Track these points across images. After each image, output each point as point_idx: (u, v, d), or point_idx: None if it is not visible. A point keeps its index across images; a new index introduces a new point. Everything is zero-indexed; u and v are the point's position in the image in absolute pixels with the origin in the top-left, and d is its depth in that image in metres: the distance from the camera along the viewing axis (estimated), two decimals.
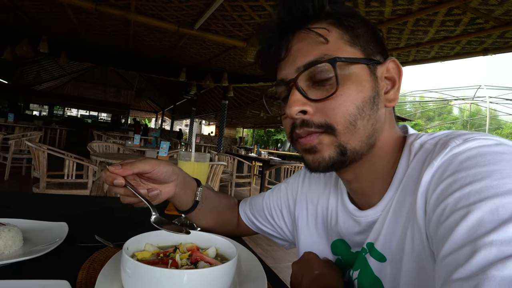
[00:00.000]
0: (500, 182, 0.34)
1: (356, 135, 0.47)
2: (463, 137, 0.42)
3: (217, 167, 3.66)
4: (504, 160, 0.36)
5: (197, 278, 0.42)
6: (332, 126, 0.47)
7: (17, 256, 0.54)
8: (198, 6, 3.71)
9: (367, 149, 0.50)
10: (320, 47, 0.48)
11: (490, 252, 0.29)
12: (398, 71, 0.52)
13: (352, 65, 0.48)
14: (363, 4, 3.14)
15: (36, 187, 2.88)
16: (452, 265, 0.32)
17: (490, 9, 2.92)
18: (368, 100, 0.48)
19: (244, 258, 0.62)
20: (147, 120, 26.64)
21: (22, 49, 5.23)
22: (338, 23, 0.49)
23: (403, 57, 4.72)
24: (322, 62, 0.47)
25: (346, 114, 0.46)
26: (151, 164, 0.61)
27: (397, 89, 0.52)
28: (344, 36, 0.49)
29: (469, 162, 0.38)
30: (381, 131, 0.51)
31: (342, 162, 0.49)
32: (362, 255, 0.54)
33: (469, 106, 21.70)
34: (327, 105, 0.47)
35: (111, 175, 0.56)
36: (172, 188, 0.66)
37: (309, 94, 0.48)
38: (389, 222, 0.49)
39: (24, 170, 5.63)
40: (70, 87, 15.32)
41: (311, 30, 0.48)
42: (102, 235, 0.66)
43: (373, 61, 0.49)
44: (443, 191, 0.38)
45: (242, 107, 11.06)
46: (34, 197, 1.10)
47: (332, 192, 0.65)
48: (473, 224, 0.32)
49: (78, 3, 3.74)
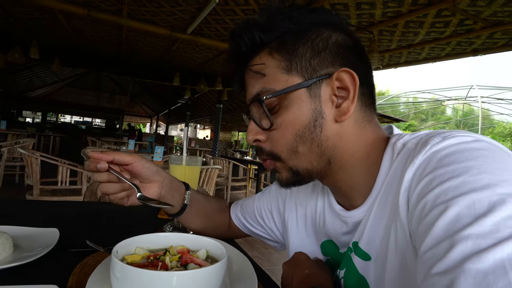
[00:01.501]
0: (477, 177, 0.35)
1: (301, 159, 0.51)
2: (442, 135, 0.43)
3: (212, 171, 3.65)
4: (481, 156, 0.37)
5: (187, 280, 0.42)
6: (277, 154, 0.52)
7: (7, 262, 0.53)
8: (190, 11, 3.72)
9: (324, 165, 0.52)
10: (260, 80, 0.52)
11: (466, 246, 0.30)
12: (352, 80, 0.49)
13: (287, 94, 0.49)
14: (354, 7, 3.18)
15: (30, 194, 2.85)
16: (431, 260, 0.33)
17: (479, 11, 2.97)
18: (307, 125, 0.49)
19: (235, 259, 0.62)
20: (142, 125, 26.51)
21: (14, 56, 5.20)
22: (275, 50, 0.51)
23: (395, 59, 4.78)
24: (256, 101, 0.51)
25: (286, 143, 0.50)
26: (132, 156, 0.62)
27: (351, 99, 0.49)
28: (281, 63, 0.50)
29: (447, 159, 0.39)
30: (338, 146, 0.51)
31: (299, 181, 0.53)
32: (347, 254, 0.55)
33: (462, 106, 21.95)
34: (270, 136, 0.52)
35: (94, 160, 0.57)
36: (156, 190, 0.66)
37: (262, 122, 0.53)
38: (372, 221, 0.50)
39: (17, 178, 5.56)
40: (63, 93, 15.22)
41: (250, 69, 0.53)
42: (93, 240, 0.66)
43: (314, 79, 0.49)
44: (423, 188, 0.39)
45: (237, 111, 11.07)
46: (25, 203, 1.09)
47: (319, 194, 0.65)
48: (451, 219, 0.33)
49: (70, 9, 3.73)
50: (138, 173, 0.63)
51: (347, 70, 0.49)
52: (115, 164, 0.60)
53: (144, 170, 0.63)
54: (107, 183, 0.60)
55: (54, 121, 16.56)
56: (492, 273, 0.28)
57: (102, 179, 0.59)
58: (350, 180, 0.53)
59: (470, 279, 0.28)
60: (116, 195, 0.61)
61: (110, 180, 0.59)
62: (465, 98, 16.70)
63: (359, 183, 0.53)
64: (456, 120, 24.70)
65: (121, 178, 0.59)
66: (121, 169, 0.62)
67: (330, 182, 0.56)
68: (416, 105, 23.69)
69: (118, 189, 0.61)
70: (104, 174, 0.58)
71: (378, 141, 0.53)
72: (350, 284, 0.53)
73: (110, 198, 0.62)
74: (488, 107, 20.49)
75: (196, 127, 26.95)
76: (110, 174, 0.59)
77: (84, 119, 18.27)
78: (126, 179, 0.59)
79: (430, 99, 19.53)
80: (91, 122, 18.20)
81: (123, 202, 0.63)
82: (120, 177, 0.59)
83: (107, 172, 0.58)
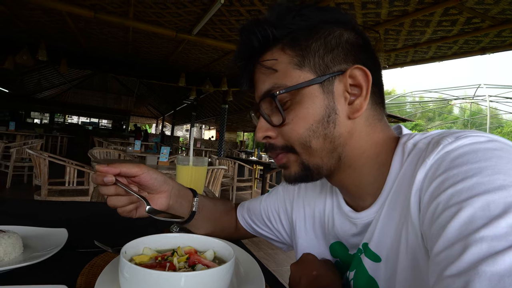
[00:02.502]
0: (491, 178, 0.34)
1: (314, 154, 0.50)
2: (455, 135, 0.43)
3: (218, 171, 3.66)
4: (495, 157, 0.36)
5: (194, 280, 0.42)
6: (292, 147, 0.51)
7: (17, 262, 0.54)
8: (196, 12, 3.74)
9: (334, 162, 0.51)
10: (272, 76, 0.51)
11: (481, 248, 0.30)
12: (365, 77, 0.49)
13: (300, 90, 0.49)
14: (359, 7, 3.16)
15: (38, 195, 2.88)
16: (444, 262, 0.32)
17: (486, 9, 2.93)
18: (320, 120, 0.49)
19: (242, 260, 0.62)
20: (148, 126, 26.69)
21: (23, 58, 5.27)
22: (289, 44, 0.50)
23: (401, 58, 4.74)
24: (268, 96, 0.51)
25: (299, 137, 0.50)
26: (139, 167, 0.60)
27: (364, 96, 0.49)
28: (293, 59, 0.50)
29: (460, 159, 0.38)
30: (349, 143, 0.51)
31: (308, 176, 0.53)
32: (357, 255, 0.55)
33: (469, 105, 21.69)
34: (283, 131, 0.51)
35: (100, 174, 0.56)
36: (165, 200, 0.65)
37: (273, 118, 0.52)
38: (382, 222, 0.49)
39: (25, 178, 5.64)
40: (70, 94, 15.39)
41: (261, 65, 0.52)
42: (101, 241, 0.66)
43: (327, 75, 0.49)
44: (435, 189, 0.38)
45: (242, 111, 11.08)
46: (34, 204, 1.10)
47: (328, 194, 0.65)
48: (464, 220, 0.32)
49: (77, 11, 3.77)
50: (145, 184, 0.62)
51: (360, 67, 0.49)
52: (122, 177, 0.60)
53: (151, 182, 0.62)
54: (115, 196, 0.59)
55: (61, 122, 16.76)
56: (508, 276, 0.27)
57: (109, 193, 0.58)
58: (359, 179, 0.53)
59: (485, 282, 0.28)
60: (124, 208, 0.61)
61: (118, 193, 0.59)
62: (472, 97, 16.50)
63: (368, 183, 0.53)
64: (464, 119, 24.42)
65: (129, 191, 0.58)
66: (129, 181, 0.61)
67: (338, 181, 0.55)
68: (423, 105, 23.45)
69: (125, 202, 0.60)
70: (111, 187, 0.58)
71: (388, 141, 0.53)
72: (360, 285, 0.52)
73: (118, 211, 0.61)
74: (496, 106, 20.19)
75: (202, 127, 27.03)
76: (118, 187, 0.58)
77: (91, 120, 18.46)
78: (134, 192, 0.59)
79: (437, 98, 19.35)
80: (98, 123, 18.37)
81: (131, 214, 0.62)
82: (127, 190, 0.58)
83: (114, 186, 0.58)
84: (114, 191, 0.58)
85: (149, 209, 0.60)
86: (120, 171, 0.58)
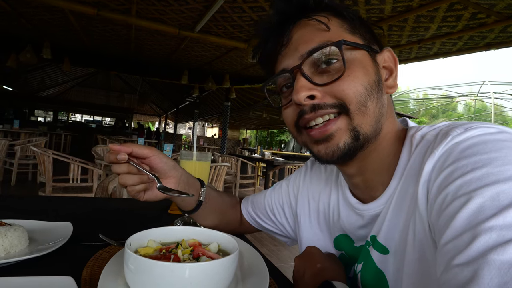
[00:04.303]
0: (501, 169, 0.34)
1: (367, 117, 0.48)
2: (464, 126, 0.43)
3: (221, 168, 3.67)
4: (506, 148, 0.36)
5: (199, 272, 0.42)
6: (345, 105, 0.47)
7: (23, 254, 0.55)
8: (198, 9, 3.73)
9: (375, 135, 0.50)
10: (322, 34, 0.49)
11: (490, 237, 0.29)
12: (393, 60, 0.54)
13: (355, 50, 0.49)
14: (363, 2, 3.14)
15: (42, 192, 2.90)
16: (452, 251, 0.32)
17: (492, 4, 2.90)
18: (373, 83, 0.49)
19: (246, 254, 0.62)
20: (151, 124, 26.76)
21: (26, 56, 5.29)
22: (337, 14, 0.51)
23: (405, 54, 4.70)
24: (328, 46, 0.48)
25: (357, 93, 0.47)
26: (150, 149, 0.61)
27: (394, 77, 0.53)
28: (344, 25, 0.50)
29: (470, 150, 0.38)
30: (385, 118, 0.51)
31: (355, 149, 0.49)
32: (365, 248, 0.55)
33: (473, 102, 21.53)
34: (335, 87, 0.48)
35: (113, 151, 0.57)
36: (173, 186, 0.66)
37: (315, 80, 0.49)
38: (391, 214, 0.49)
39: (30, 176, 5.69)
40: (74, 92, 15.44)
41: (313, 18, 0.49)
42: (106, 234, 0.67)
43: (372, 49, 0.51)
44: (444, 179, 0.38)
45: (245, 109, 11.07)
46: (39, 199, 1.11)
47: (333, 187, 0.65)
48: (473, 210, 0.32)
49: (80, 9, 3.77)
50: (155, 167, 0.63)
51: (391, 50, 0.53)
52: (133, 157, 0.60)
53: (161, 165, 0.63)
54: (126, 174, 0.59)
55: (65, 120, 16.89)
56: None
57: (121, 171, 0.59)
58: (376, 165, 0.53)
59: (495, 270, 0.27)
60: (134, 187, 0.61)
61: (130, 171, 0.59)
62: (477, 94, 16.38)
63: (382, 170, 0.53)
64: (468, 116, 24.25)
65: (141, 169, 0.59)
66: (139, 163, 0.62)
67: (356, 168, 0.54)
68: (427, 102, 23.33)
69: (136, 181, 0.60)
70: (123, 165, 0.58)
71: (398, 131, 0.54)
72: (368, 278, 0.52)
73: (127, 190, 0.61)
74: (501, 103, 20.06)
75: (204, 125, 27.07)
76: (130, 166, 0.59)
77: (94, 118, 18.55)
78: (146, 170, 0.60)
79: (441, 95, 19.22)
80: (101, 120, 18.47)
81: (140, 196, 0.62)
82: (139, 168, 0.59)
83: (126, 164, 0.58)
84: (126, 169, 0.59)
85: (160, 186, 0.61)
86: (132, 150, 0.58)
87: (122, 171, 0.59)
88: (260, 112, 11.53)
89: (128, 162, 0.58)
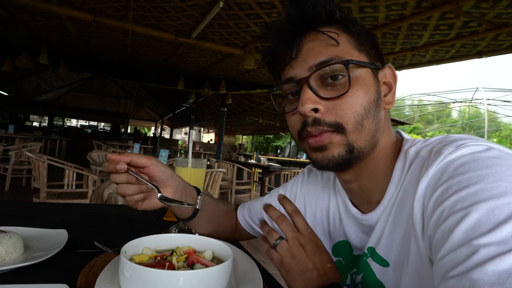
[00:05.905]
0: (493, 185, 0.36)
1: (362, 135, 0.49)
2: (454, 144, 0.44)
3: (217, 174, 3.66)
4: (496, 164, 0.38)
5: (193, 279, 0.43)
6: (342, 125, 0.49)
7: (18, 262, 0.55)
8: (195, 16, 3.76)
9: (371, 148, 0.52)
10: (331, 48, 0.50)
11: (489, 250, 0.31)
12: (393, 76, 0.55)
13: (360, 68, 0.51)
14: (357, 10, 3.19)
15: (37, 198, 2.88)
16: (449, 264, 0.33)
17: (483, 13, 2.96)
18: (372, 101, 0.50)
19: (240, 261, 0.63)
20: (147, 129, 26.68)
21: (22, 61, 5.28)
22: (346, 29, 0.52)
23: (399, 61, 4.77)
24: (336, 63, 0.49)
25: (355, 114, 0.49)
26: (149, 158, 0.62)
27: (393, 93, 0.55)
28: (352, 41, 0.52)
29: (462, 168, 0.40)
30: (381, 132, 0.53)
31: (349, 160, 0.50)
32: (364, 259, 0.55)
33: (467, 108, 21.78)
34: (337, 105, 0.49)
35: (112, 161, 0.57)
36: (171, 194, 0.66)
37: (320, 93, 0.50)
38: (390, 227, 0.51)
39: (24, 181, 5.63)
40: (69, 97, 15.39)
41: (324, 32, 0.51)
42: (101, 241, 0.67)
43: (375, 66, 0.52)
44: (440, 196, 0.40)
45: (241, 114, 11.10)
46: (34, 206, 1.11)
47: (331, 193, 0.66)
48: (470, 225, 0.34)
49: (77, 15, 3.79)
50: (154, 176, 0.63)
51: (391, 67, 0.54)
52: (132, 166, 0.61)
53: (159, 174, 0.63)
54: (126, 184, 0.60)
55: (60, 125, 16.75)
56: None
57: (121, 180, 0.59)
58: (373, 174, 0.54)
59: (494, 279, 0.29)
60: (133, 197, 0.61)
61: (129, 181, 0.60)
62: (471, 100, 16.59)
63: (379, 177, 0.54)
64: (462, 122, 24.49)
65: (140, 179, 0.60)
66: (138, 172, 0.62)
67: (352, 176, 0.55)
68: (421, 108, 23.55)
69: (135, 191, 0.61)
70: (123, 175, 0.59)
71: (394, 142, 0.56)
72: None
73: (126, 199, 0.62)
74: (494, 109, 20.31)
75: (201, 130, 27.03)
76: (129, 175, 0.59)
77: (90, 123, 18.45)
78: (145, 180, 0.60)
79: (436, 101, 19.43)
80: (97, 126, 18.37)
81: (138, 205, 0.63)
82: (139, 178, 0.59)
83: (125, 174, 0.59)
84: (125, 179, 0.59)
85: (160, 196, 0.61)
86: (131, 160, 0.59)
87: (122, 181, 0.59)
88: (256, 118, 11.56)
89: (127, 172, 0.58)
